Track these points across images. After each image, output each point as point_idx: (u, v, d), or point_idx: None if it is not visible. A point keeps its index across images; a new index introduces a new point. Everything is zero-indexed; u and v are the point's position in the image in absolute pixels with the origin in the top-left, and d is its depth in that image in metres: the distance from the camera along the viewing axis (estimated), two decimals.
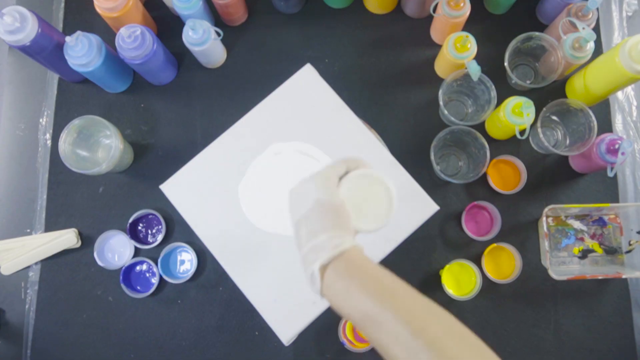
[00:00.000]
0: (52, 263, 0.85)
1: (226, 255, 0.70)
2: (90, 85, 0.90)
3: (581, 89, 0.82)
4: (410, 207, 0.69)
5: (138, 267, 0.84)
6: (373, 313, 0.41)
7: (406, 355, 0.39)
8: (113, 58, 0.83)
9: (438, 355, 0.39)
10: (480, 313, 0.82)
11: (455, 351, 0.39)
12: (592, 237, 0.84)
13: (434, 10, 0.82)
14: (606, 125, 0.87)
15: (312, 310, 0.67)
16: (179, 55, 0.91)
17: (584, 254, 0.83)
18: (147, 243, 0.85)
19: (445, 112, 0.79)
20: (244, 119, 0.73)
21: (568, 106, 0.80)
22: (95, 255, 0.83)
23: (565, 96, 0.88)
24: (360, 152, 0.71)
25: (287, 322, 0.67)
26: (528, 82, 0.88)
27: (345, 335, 0.79)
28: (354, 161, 0.52)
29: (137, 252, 0.85)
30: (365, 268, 0.45)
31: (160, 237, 0.84)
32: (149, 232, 0.86)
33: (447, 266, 0.80)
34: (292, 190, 0.50)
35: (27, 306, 0.84)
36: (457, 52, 0.80)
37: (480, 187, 0.85)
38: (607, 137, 0.77)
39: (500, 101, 0.79)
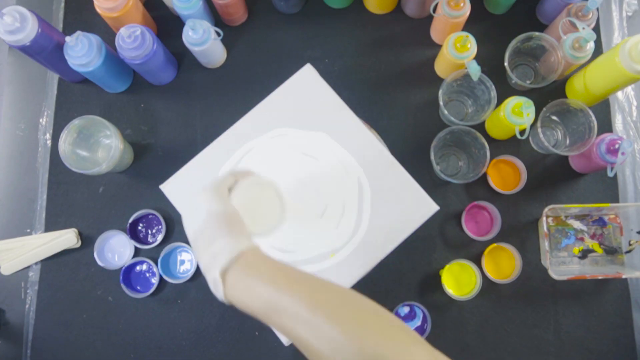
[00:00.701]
0: (52, 263, 0.85)
1: None
2: (90, 85, 0.90)
3: (581, 89, 0.82)
4: (410, 207, 0.69)
5: (138, 267, 0.85)
6: (273, 301, 0.43)
7: (310, 332, 0.41)
8: (113, 58, 0.83)
9: (338, 323, 0.41)
10: (480, 313, 0.82)
11: (352, 316, 0.42)
12: (592, 237, 0.84)
13: (434, 10, 0.82)
14: (606, 125, 0.87)
15: None
16: (179, 55, 0.91)
17: (584, 254, 0.83)
18: (147, 243, 0.85)
19: (445, 112, 0.79)
20: (244, 118, 0.73)
21: (568, 106, 0.80)
22: (95, 255, 0.83)
23: (565, 96, 0.88)
24: (360, 152, 0.71)
25: None
26: (528, 82, 0.88)
27: None
28: (242, 172, 0.54)
29: (137, 252, 0.85)
30: (263, 264, 0.46)
31: (160, 237, 0.84)
32: (149, 232, 0.86)
33: (447, 266, 0.80)
34: (184, 205, 0.52)
35: (27, 306, 0.85)
36: (457, 52, 0.80)
37: (480, 187, 0.85)
38: (607, 137, 0.77)
39: (500, 101, 0.79)
